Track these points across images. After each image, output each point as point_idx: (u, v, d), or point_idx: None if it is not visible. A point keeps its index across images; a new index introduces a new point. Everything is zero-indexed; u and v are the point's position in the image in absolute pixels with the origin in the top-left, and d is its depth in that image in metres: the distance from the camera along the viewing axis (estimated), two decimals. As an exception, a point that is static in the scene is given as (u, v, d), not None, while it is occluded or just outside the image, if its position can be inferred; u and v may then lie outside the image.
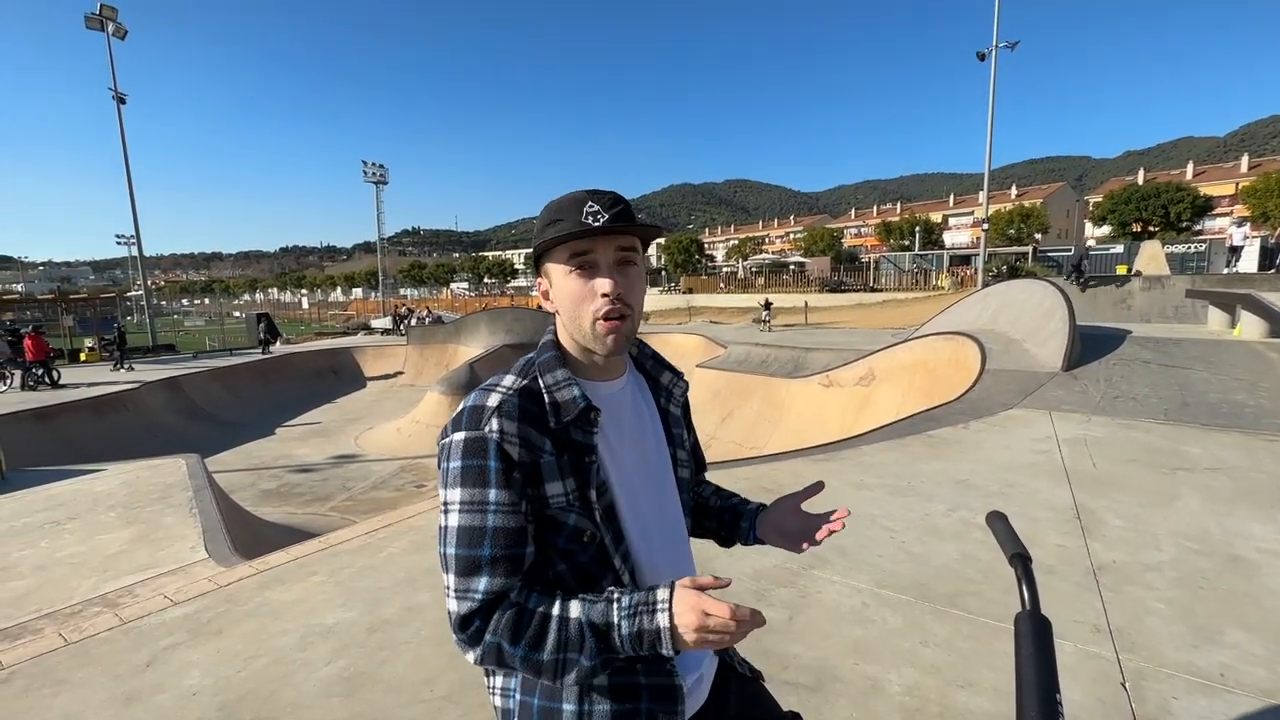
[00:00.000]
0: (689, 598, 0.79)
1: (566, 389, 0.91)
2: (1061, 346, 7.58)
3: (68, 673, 2.25)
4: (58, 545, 4.38)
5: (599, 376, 0.97)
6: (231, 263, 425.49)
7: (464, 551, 0.84)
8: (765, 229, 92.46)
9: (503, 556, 0.84)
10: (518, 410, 0.87)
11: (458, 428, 0.86)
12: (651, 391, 1.07)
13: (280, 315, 54.65)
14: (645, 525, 0.97)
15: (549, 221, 0.91)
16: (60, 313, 24.43)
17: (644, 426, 1.01)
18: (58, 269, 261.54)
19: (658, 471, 1.02)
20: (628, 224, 0.89)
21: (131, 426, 13.15)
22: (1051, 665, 0.67)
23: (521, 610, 0.83)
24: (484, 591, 0.83)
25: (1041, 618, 0.74)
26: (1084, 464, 4.42)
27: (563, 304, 0.92)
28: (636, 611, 0.81)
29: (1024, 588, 0.80)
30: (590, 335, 0.91)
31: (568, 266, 0.90)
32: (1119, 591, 2.66)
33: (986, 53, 22.77)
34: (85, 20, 23.06)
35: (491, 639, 0.82)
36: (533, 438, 0.87)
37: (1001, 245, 38.10)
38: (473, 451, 0.84)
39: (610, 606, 0.82)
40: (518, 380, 0.91)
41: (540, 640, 0.82)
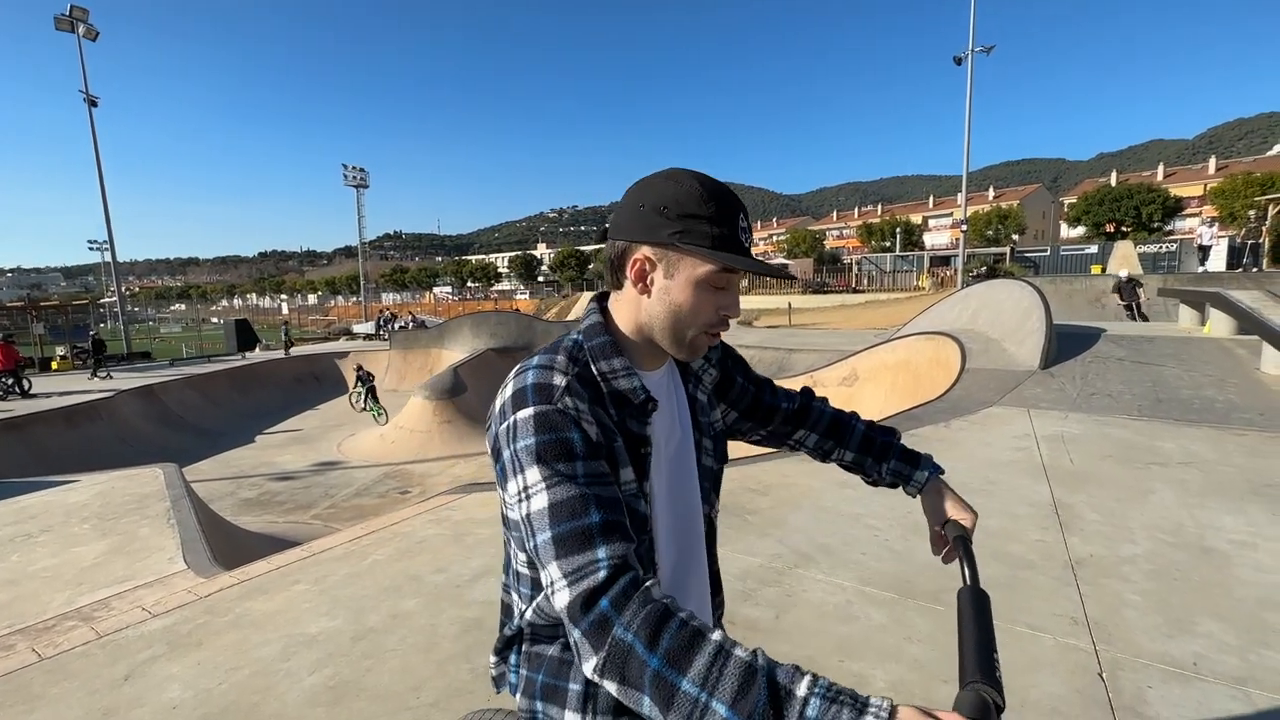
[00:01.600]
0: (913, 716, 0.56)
1: (626, 378, 0.86)
2: (1039, 345, 7.72)
3: (43, 688, 2.20)
4: (29, 559, 4.27)
5: (647, 365, 0.93)
6: (209, 268, 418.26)
7: (568, 526, 0.72)
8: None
9: (614, 522, 0.73)
10: (584, 392, 0.81)
11: (522, 404, 0.77)
12: (682, 377, 1.03)
13: (259, 321, 53.79)
14: (672, 515, 0.95)
15: (701, 215, 0.81)
16: (31, 320, 23.86)
17: (673, 413, 0.98)
18: (27, 276, 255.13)
19: (681, 460, 0.98)
20: (772, 269, 0.91)
21: (106, 436, 12.86)
22: (989, 630, 0.71)
23: (667, 610, 0.66)
24: (605, 559, 0.70)
25: (981, 591, 0.77)
26: (1062, 460, 4.50)
27: (674, 305, 0.85)
28: (836, 698, 0.58)
29: (964, 566, 0.85)
30: (681, 343, 0.88)
31: (710, 276, 0.83)
32: (1096, 584, 2.72)
33: (963, 57, 23.18)
34: (55, 21, 22.57)
35: (623, 634, 0.65)
36: (604, 419, 0.82)
37: (980, 246, 38.77)
38: (551, 425, 0.76)
39: (798, 674, 0.61)
40: (571, 365, 0.84)
41: (686, 659, 0.62)
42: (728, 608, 2.58)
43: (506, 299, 65.23)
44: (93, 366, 17.11)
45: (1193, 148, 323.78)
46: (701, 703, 0.60)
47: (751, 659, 0.61)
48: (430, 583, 2.89)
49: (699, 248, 0.81)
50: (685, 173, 0.85)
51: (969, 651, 0.68)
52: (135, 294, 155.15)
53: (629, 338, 0.90)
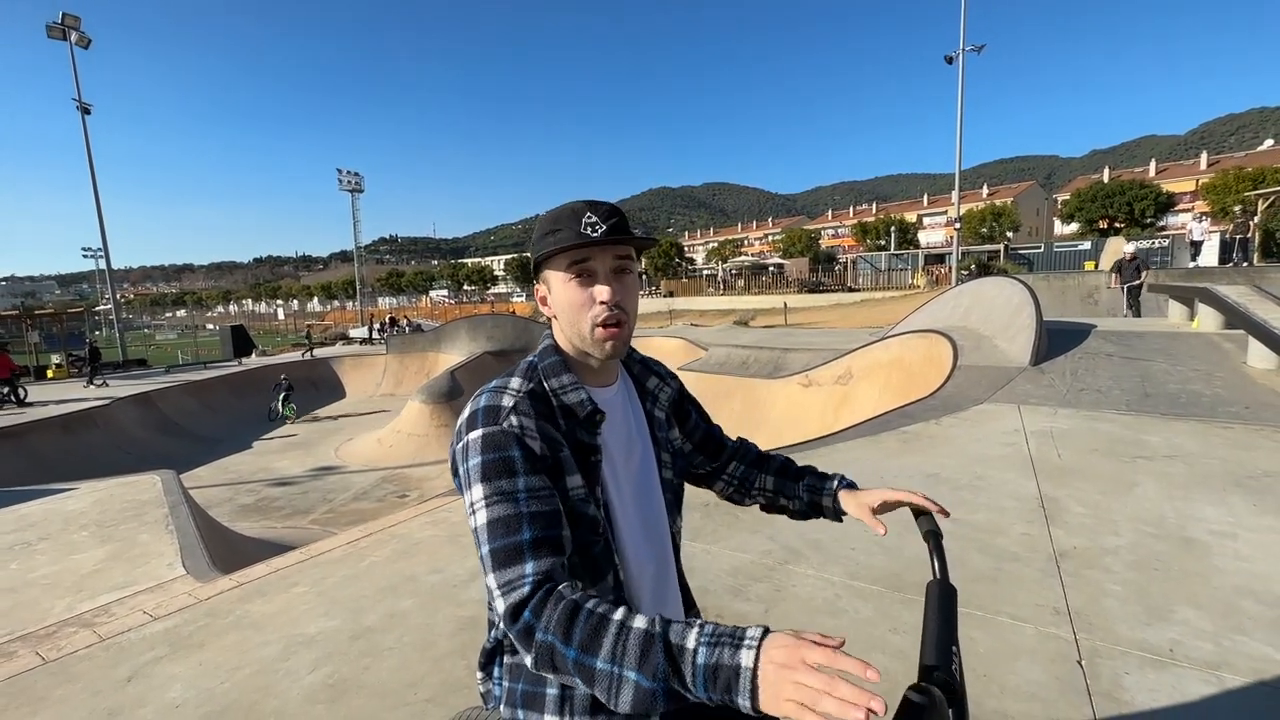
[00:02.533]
0: (786, 641, 0.64)
1: (574, 392, 0.95)
2: (1030, 342, 7.80)
3: (47, 690, 2.24)
4: (29, 566, 4.30)
5: (595, 382, 1.01)
6: (204, 274, 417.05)
7: (502, 542, 0.81)
8: (744, 231, 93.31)
9: (544, 538, 0.82)
10: (532, 409, 0.89)
11: (474, 426, 0.87)
12: (639, 396, 1.10)
13: (255, 327, 53.67)
14: (630, 525, 1.00)
15: (548, 231, 0.93)
16: (25, 329, 23.79)
17: (631, 430, 1.05)
18: (21, 284, 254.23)
19: (642, 474, 1.05)
20: (623, 236, 0.93)
21: (103, 444, 12.86)
22: (953, 623, 0.76)
23: (576, 606, 0.75)
24: (530, 574, 0.78)
25: (949, 585, 0.81)
26: (1050, 455, 4.57)
27: (562, 310, 0.95)
28: (719, 640, 0.67)
29: (934, 559, 0.89)
30: (589, 341, 0.94)
31: (567, 274, 0.93)
32: (1079, 576, 2.78)
33: (954, 56, 23.31)
34: (47, 30, 22.55)
35: (543, 637, 0.75)
36: (550, 433, 0.90)
37: (975, 244, 38.93)
38: (495, 445, 0.85)
39: (688, 628, 0.70)
40: (524, 383, 0.93)
41: (594, 644, 0.72)
42: (718, 603, 2.64)
43: (503, 302, 65.24)
44: (89, 374, 17.09)
45: (1185, 143, 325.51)
46: (616, 674, 0.70)
47: (649, 627, 0.71)
48: (427, 583, 2.94)
49: (546, 255, 0.93)
50: (554, 207, 0.97)
51: (929, 643, 0.73)
52: (130, 301, 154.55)
53: (573, 358, 1.00)
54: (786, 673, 0.62)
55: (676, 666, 0.68)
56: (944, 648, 0.73)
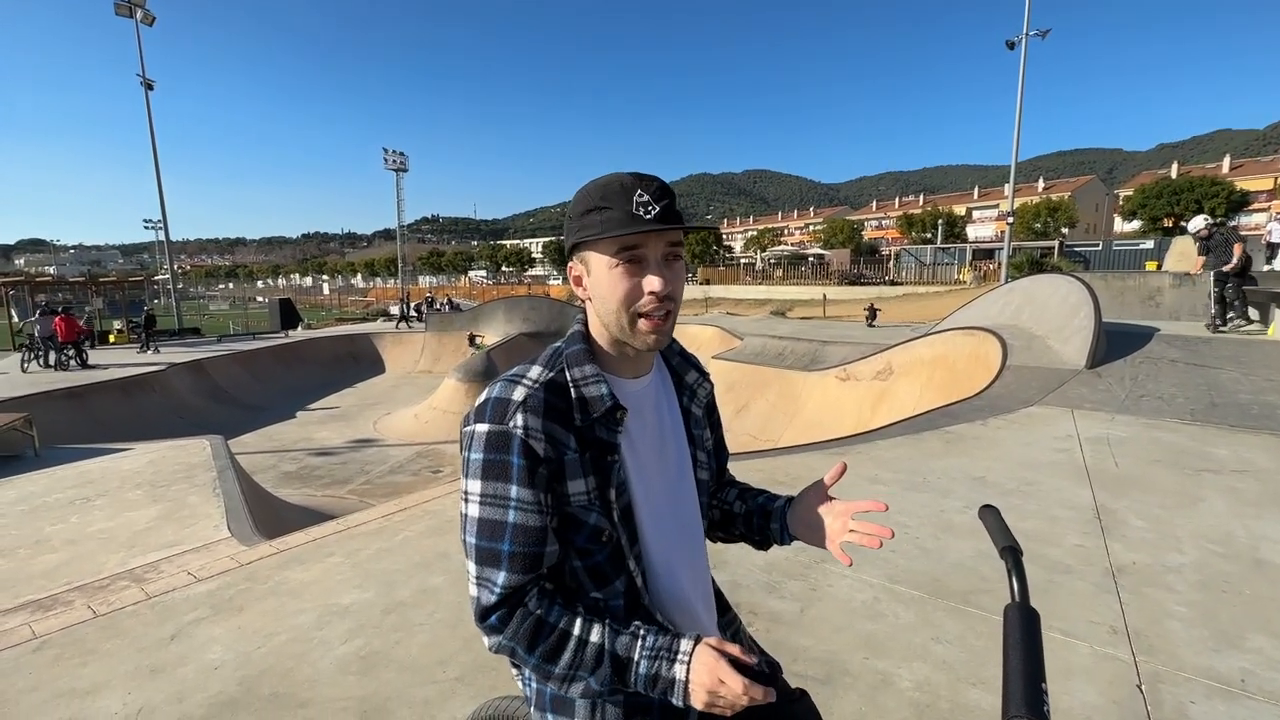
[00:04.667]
0: (709, 659, 0.78)
1: (595, 385, 0.88)
2: (1086, 343, 7.42)
3: (96, 643, 2.33)
4: (87, 521, 4.51)
5: (627, 373, 0.94)
6: (255, 248, 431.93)
7: (484, 543, 0.83)
8: (785, 220, 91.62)
9: (521, 553, 0.83)
10: (543, 405, 0.85)
11: (481, 418, 0.84)
12: (675, 389, 1.03)
13: (301, 301, 55.38)
14: (662, 526, 0.95)
15: (592, 207, 0.85)
16: (90, 295, 25.04)
17: (665, 426, 0.98)
18: (88, 252, 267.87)
19: (677, 472, 0.99)
20: (680, 223, 0.85)
21: (158, 407, 13.47)
22: (1038, 655, 0.67)
23: (541, 622, 0.83)
24: (502, 585, 0.83)
25: (1030, 609, 0.72)
26: (1106, 463, 4.34)
27: (603, 296, 0.87)
28: (658, 655, 0.81)
29: (1014, 579, 0.79)
30: (631, 331, 0.87)
31: (614, 259, 0.85)
32: (1138, 593, 2.62)
33: (1016, 41, 22.21)
34: (115, 7, 23.40)
35: (506, 642, 0.83)
36: (558, 434, 0.85)
37: (1027, 239, 37.39)
38: (496, 446, 0.83)
39: (634, 642, 0.82)
40: (544, 373, 0.88)
41: (555, 655, 0.82)
42: (752, 599, 2.57)
43: (540, 284, 65.77)
44: (143, 341, 17.89)
45: (1263, 138, 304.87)
46: (570, 675, 0.83)
47: (602, 641, 0.82)
48: (458, 560, 2.95)
49: (593, 237, 0.85)
50: (596, 178, 0.89)
51: (1015, 679, 0.65)
52: (187, 272, 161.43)
53: (601, 345, 0.93)
54: (706, 687, 0.77)
55: (623, 675, 0.82)
56: (1034, 685, 0.64)
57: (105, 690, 2.03)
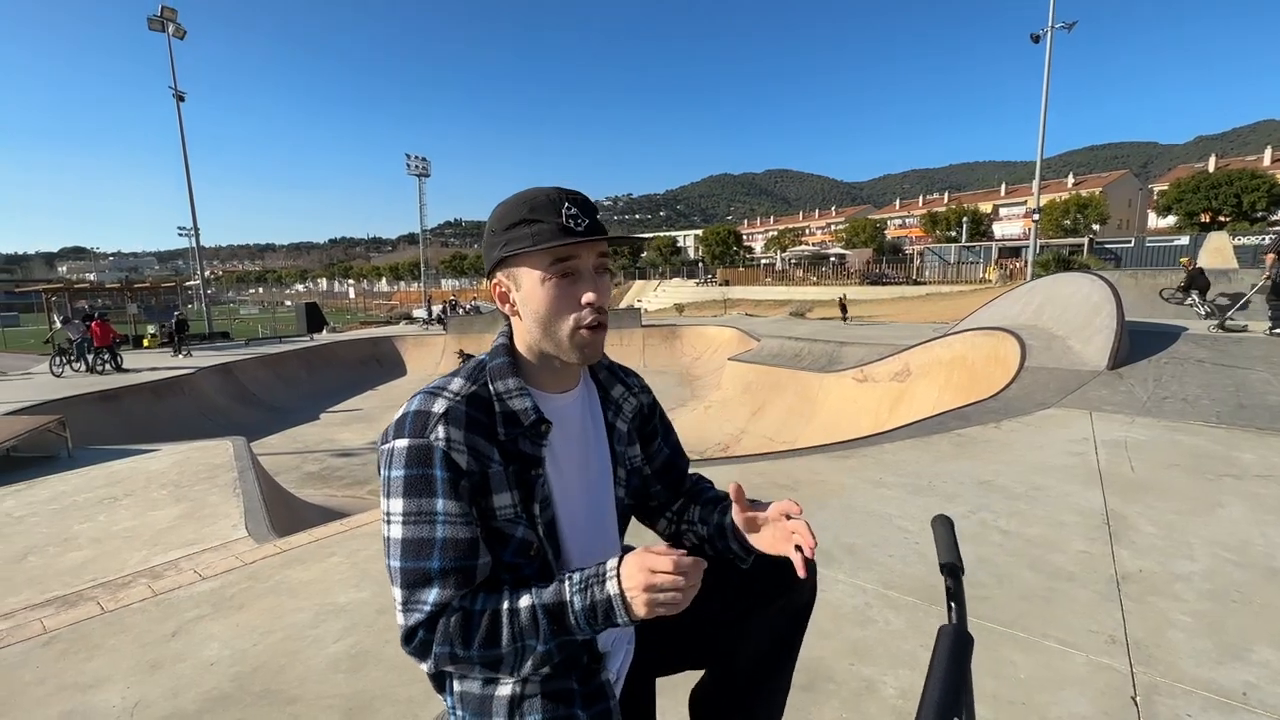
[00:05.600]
0: (633, 559, 0.77)
1: (519, 398, 0.88)
2: (1108, 344, 7.22)
3: (102, 639, 2.42)
4: (114, 519, 4.66)
5: (553, 387, 0.93)
6: (284, 254, 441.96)
7: (411, 564, 0.80)
8: (806, 220, 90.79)
9: (453, 569, 0.80)
10: (465, 418, 0.83)
11: (400, 434, 0.82)
12: (601, 404, 1.02)
13: (328, 305, 56.50)
14: (583, 540, 0.95)
15: (519, 220, 0.84)
16: (126, 300, 25.90)
17: (588, 441, 0.98)
18: (126, 259, 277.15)
19: (599, 487, 0.98)
20: (609, 235, 0.85)
21: (188, 409, 13.88)
22: (961, 685, 0.62)
23: (469, 614, 0.80)
24: (432, 603, 0.80)
25: (964, 634, 0.68)
26: (1121, 467, 4.22)
27: (535, 310, 0.86)
28: (587, 584, 0.79)
29: (951, 599, 0.75)
30: (566, 344, 0.87)
31: (547, 273, 0.84)
32: (1142, 602, 2.55)
33: (1041, 34, 21.72)
34: (148, 22, 24.19)
35: (441, 649, 0.80)
36: (480, 446, 0.84)
37: (1056, 237, 36.50)
38: (417, 460, 0.80)
39: (562, 585, 0.81)
40: (466, 385, 0.87)
41: (494, 637, 0.79)
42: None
43: (560, 286, 65.88)
44: (175, 345, 18.45)
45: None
46: (518, 648, 0.80)
47: (532, 601, 0.80)
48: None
49: (522, 250, 0.83)
50: (518, 192, 0.87)
51: (927, 709, 0.59)
52: (218, 278, 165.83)
53: (527, 359, 0.92)
54: (642, 585, 0.75)
55: (562, 621, 0.79)
56: (945, 714, 0.58)
57: (106, 684, 2.11)
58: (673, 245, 70.68)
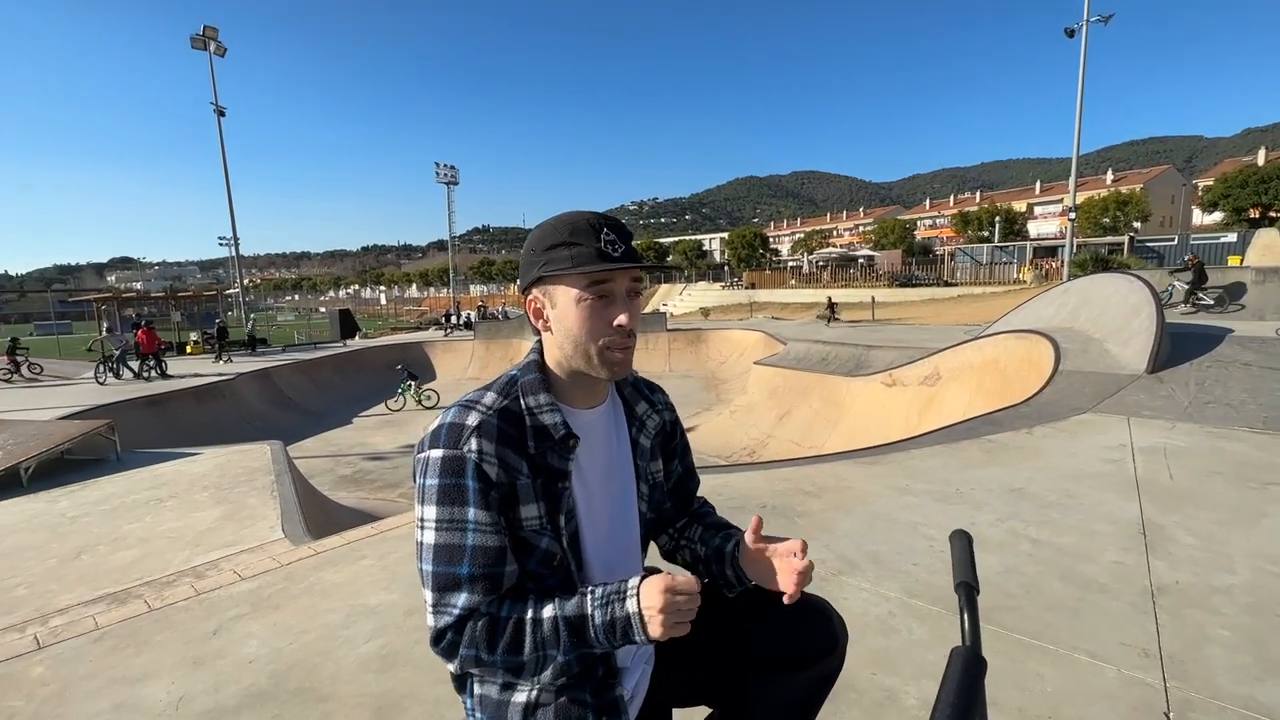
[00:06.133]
0: (654, 581, 0.81)
1: (549, 413, 0.92)
2: (1147, 346, 7.00)
3: (149, 635, 2.54)
4: (159, 520, 4.86)
5: (581, 403, 0.97)
6: (319, 261, 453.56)
7: (442, 569, 0.85)
8: (833, 221, 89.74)
9: (482, 575, 0.85)
10: (496, 431, 0.87)
11: (435, 444, 0.87)
12: (626, 419, 1.05)
13: (360, 311, 57.80)
14: (606, 554, 0.98)
15: (559, 243, 0.89)
16: (170, 309, 26.92)
17: (613, 456, 1.01)
18: (170, 268, 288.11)
19: (622, 501, 1.02)
20: (644, 263, 0.90)
21: (228, 413, 14.37)
22: (972, 709, 0.59)
23: (494, 620, 0.85)
24: (461, 608, 0.84)
25: (978, 656, 0.66)
26: (1159, 475, 4.09)
27: (567, 329, 0.90)
28: (609, 600, 0.83)
29: (965, 619, 0.73)
30: (596, 363, 0.91)
31: (584, 294, 0.88)
32: (1178, 615, 2.48)
33: (1076, 28, 21.15)
34: (190, 41, 25.19)
35: (467, 651, 0.84)
36: (510, 459, 0.88)
37: (1094, 235, 35.39)
38: (450, 470, 0.85)
39: (584, 599, 0.84)
40: (499, 400, 0.91)
41: (517, 645, 0.84)
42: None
43: (586, 291, 66.28)
44: (217, 351, 19.10)
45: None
46: (539, 658, 0.84)
47: (554, 613, 0.84)
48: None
49: (561, 271, 0.88)
50: (557, 215, 0.92)
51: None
52: (257, 285, 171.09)
53: (558, 375, 0.96)
54: (660, 606, 0.79)
55: (582, 635, 0.83)
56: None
57: (153, 679, 2.22)
58: (698, 249, 70.55)
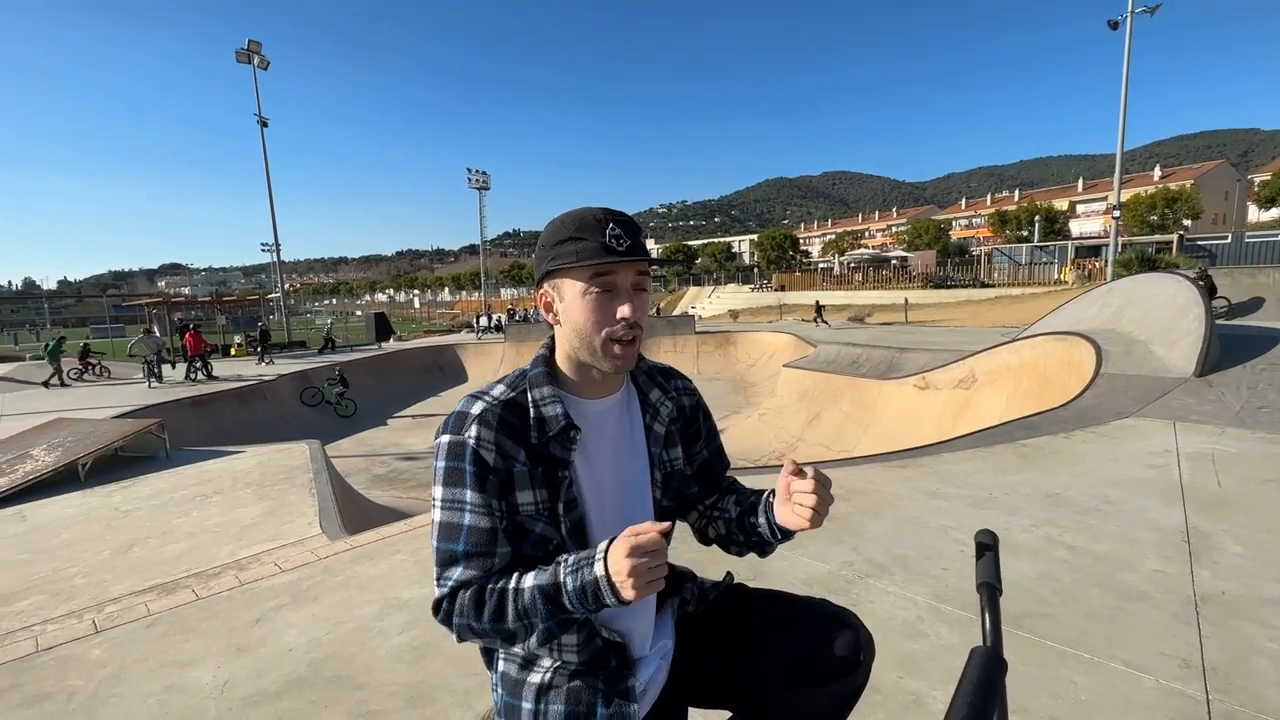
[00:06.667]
0: (620, 541, 0.81)
1: (551, 405, 0.95)
2: (1195, 348, 6.73)
3: (196, 623, 2.67)
4: (205, 515, 5.07)
5: (591, 394, 1.00)
6: (355, 266, 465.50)
7: (443, 545, 0.92)
8: (865, 222, 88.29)
9: (475, 553, 0.90)
10: (498, 420, 0.92)
11: (444, 431, 0.93)
12: (640, 407, 1.07)
13: (395, 314, 59.10)
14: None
15: (567, 238, 0.92)
16: (215, 312, 27.98)
17: (624, 444, 1.03)
18: (216, 274, 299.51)
19: (632, 490, 1.03)
20: (648, 257, 0.92)
21: (269, 413, 14.86)
22: (989, 710, 0.58)
23: (480, 590, 0.90)
24: (453, 580, 0.90)
25: (998, 657, 0.64)
26: (1207, 482, 3.94)
27: (574, 321, 0.94)
28: (579, 566, 0.84)
29: (985, 618, 0.72)
30: (600, 354, 0.94)
31: (587, 286, 0.91)
32: (1222, 626, 2.39)
33: (1120, 20, 20.45)
34: (236, 55, 26.18)
35: (460, 620, 0.90)
36: (507, 447, 0.92)
37: (1140, 234, 34.08)
38: (453, 454, 0.91)
39: (557, 568, 0.87)
40: (506, 391, 0.96)
41: (500, 613, 0.88)
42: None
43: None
44: (259, 353, 19.77)
45: None
46: (524, 624, 0.88)
47: (532, 583, 0.87)
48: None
49: (567, 265, 0.91)
50: (568, 211, 0.95)
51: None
52: (296, 290, 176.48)
53: (566, 368, 0.99)
54: (627, 566, 0.78)
55: (557, 600, 0.85)
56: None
57: (199, 664, 2.33)
58: (727, 251, 70.20)
